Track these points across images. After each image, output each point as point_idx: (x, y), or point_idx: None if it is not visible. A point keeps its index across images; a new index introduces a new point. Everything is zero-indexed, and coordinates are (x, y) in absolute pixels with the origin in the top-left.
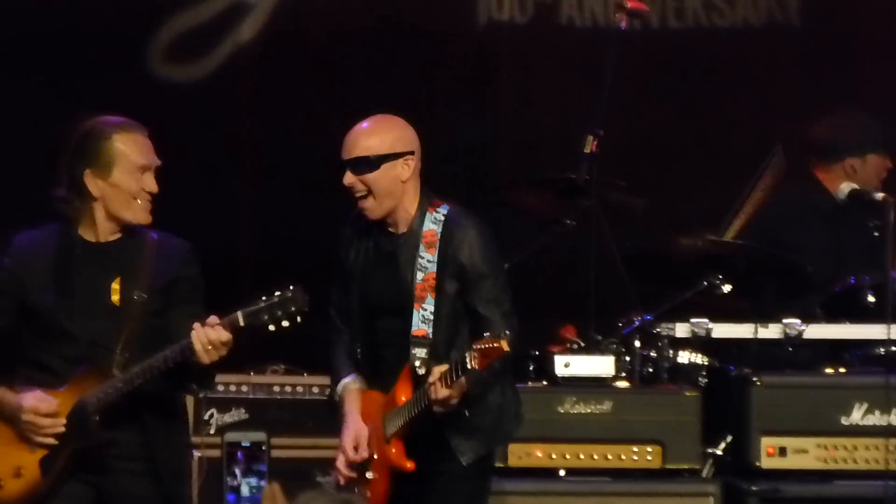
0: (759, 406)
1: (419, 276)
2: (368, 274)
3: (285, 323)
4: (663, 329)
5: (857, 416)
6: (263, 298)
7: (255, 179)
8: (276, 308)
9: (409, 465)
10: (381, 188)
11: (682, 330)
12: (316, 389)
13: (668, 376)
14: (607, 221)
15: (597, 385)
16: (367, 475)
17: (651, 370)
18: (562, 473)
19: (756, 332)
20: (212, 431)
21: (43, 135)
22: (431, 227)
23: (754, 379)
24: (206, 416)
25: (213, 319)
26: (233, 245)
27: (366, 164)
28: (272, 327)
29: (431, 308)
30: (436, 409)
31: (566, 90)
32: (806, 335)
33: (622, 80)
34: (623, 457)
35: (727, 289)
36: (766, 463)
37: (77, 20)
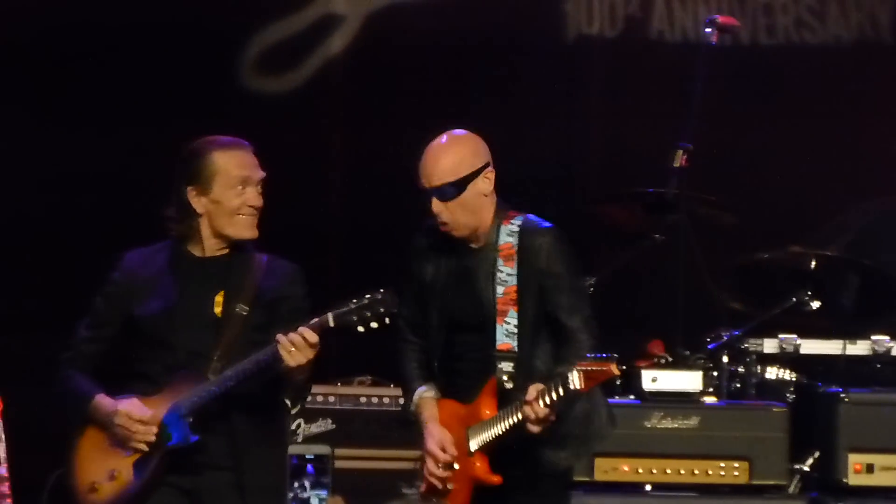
0: (846, 423)
1: (500, 290)
2: (447, 289)
3: (374, 325)
4: (751, 345)
5: None
6: (353, 301)
7: (344, 190)
8: (365, 310)
9: (496, 479)
10: (468, 208)
11: (770, 346)
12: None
13: (755, 392)
14: (696, 236)
15: (684, 400)
16: (448, 486)
17: (738, 386)
18: (648, 488)
19: (844, 349)
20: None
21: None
22: (508, 239)
23: (842, 395)
24: (293, 427)
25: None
26: (322, 255)
27: (452, 188)
28: (361, 328)
29: (515, 321)
30: (530, 428)
31: (655, 104)
32: (894, 352)
33: (712, 95)
34: (710, 472)
35: (816, 305)
36: (854, 479)
37: (169, 33)
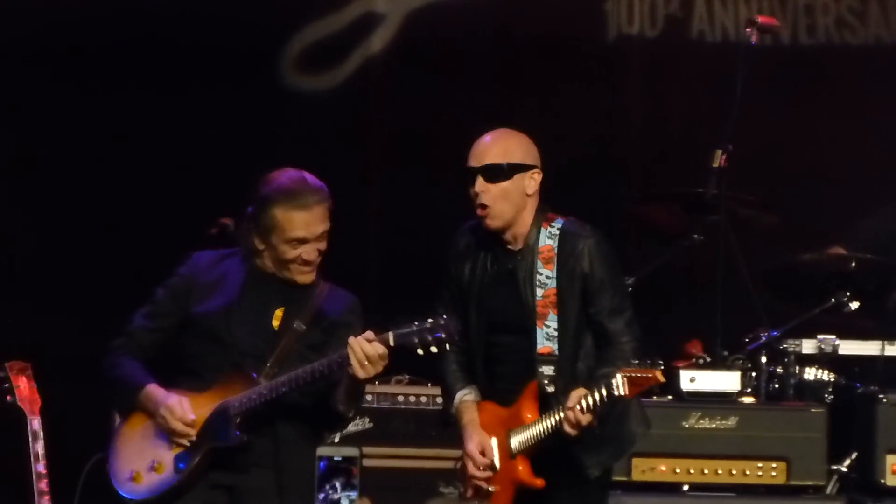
0: (884, 423)
1: (539, 292)
2: (487, 291)
3: (433, 349)
4: (790, 345)
5: None
6: (416, 323)
7: (384, 188)
8: (426, 333)
9: (539, 482)
10: (508, 198)
11: (808, 346)
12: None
13: (794, 393)
14: (736, 236)
15: (722, 400)
16: (490, 488)
17: (777, 386)
18: (686, 488)
19: (883, 350)
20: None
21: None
22: (548, 242)
23: (881, 396)
24: None
25: (370, 335)
26: (363, 255)
27: (499, 171)
28: (420, 351)
29: (555, 325)
30: (570, 432)
31: (695, 104)
32: None
33: (752, 95)
34: (748, 472)
35: (855, 306)
36: (892, 480)
37: (211, 31)
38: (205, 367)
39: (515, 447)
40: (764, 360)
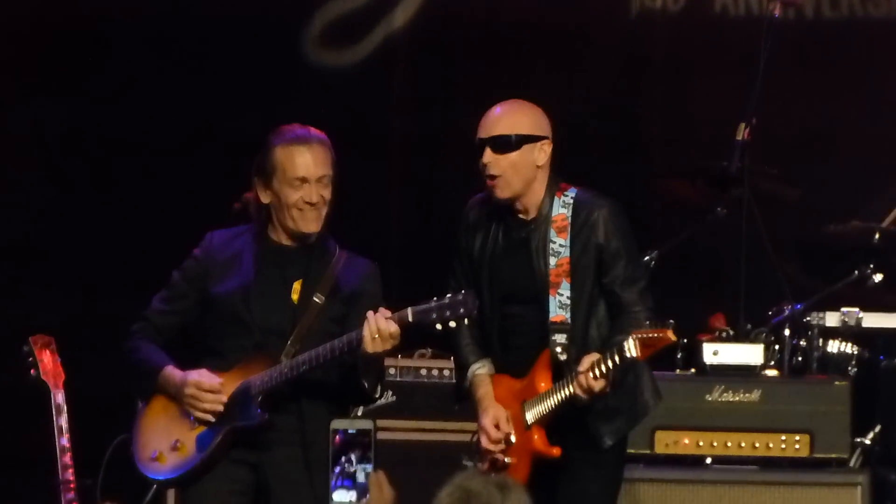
0: None
1: (552, 261)
2: (499, 262)
3: (452, 324)
4: (813, 318)
5: None
6: (434, 299)
7: (406, 165)
8: (445, 309)
9: (555, 451)
10: (517, 169)
11: (832, 319)
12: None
13: (817, 366)
14: (759, 210)
15: (745, 374)
16: (506, 460)
17: (800, 359)
18: (708, 462)
19: None
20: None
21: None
22: (561, 210)
23: None
24: None
25: (385, 312)
26: (385, 233)
27: (507, 143)
28: (439, 326)
29: (568, 293)
30: (583, 398)
31: (719, 79)
32: None
33: (775, 69)
34: (771, 445)
35: (878, 279)
36: None
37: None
38: (226, 347)
39: (530, 418)
40: (787, 333)
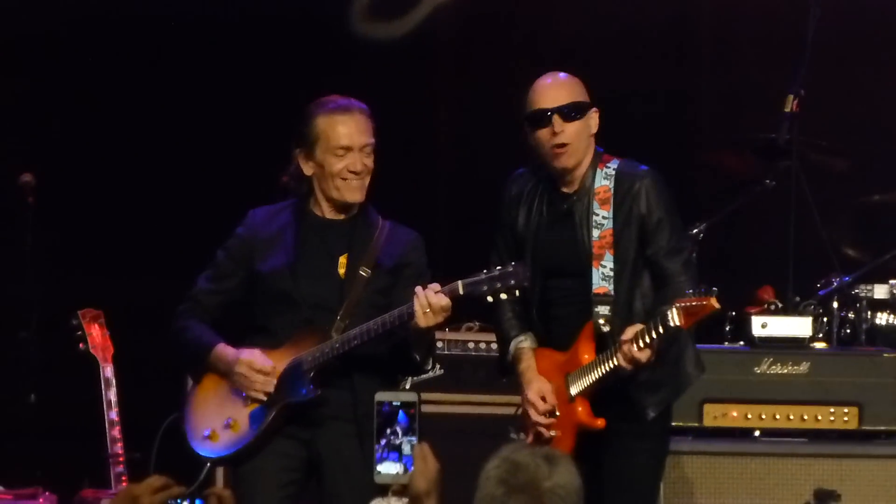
0: None
1: (596, 233)
2: (542, 235)
3: (503, 296)
4: (862, 290)
5: None
6: (485, 271)
7: (453, 139)
8: (496, 280)
9: (599, 423)
10: (581, 137)
11: (881, 291)
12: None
13: (865, 338)
14: (807, 181)
15: (794, 346)
16: (551, 433)
17: (849, 331)
18: (757, 434)
19: None
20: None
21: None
22: (604, 182)
23: None
24: None
25: (435, 286)
26: (432, 206)
27: (578, 109)
28: (490, 298)
29: (611, 265)
30: (627, 368)
31: (767, 49)
32: None
33: (823, 40)
34: (819, 418)
35: None
36: None
37: None
38: (276, 324)
39: (574, 390)
40: (836, 305)
